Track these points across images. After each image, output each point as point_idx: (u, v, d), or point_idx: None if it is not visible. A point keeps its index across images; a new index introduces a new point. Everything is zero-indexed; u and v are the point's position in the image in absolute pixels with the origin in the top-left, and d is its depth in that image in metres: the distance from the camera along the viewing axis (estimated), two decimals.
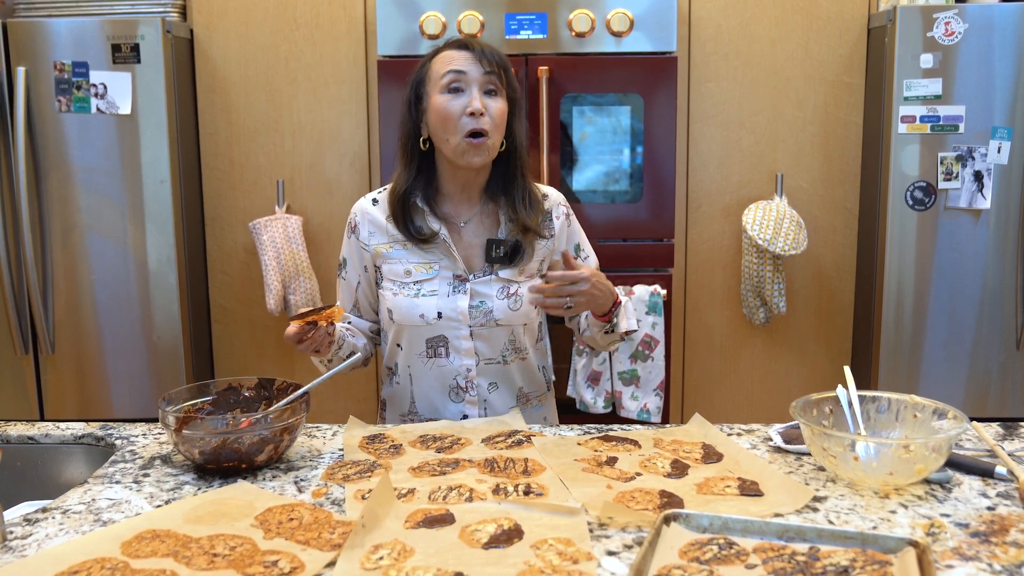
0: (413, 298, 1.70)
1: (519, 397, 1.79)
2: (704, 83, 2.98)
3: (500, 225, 1.74)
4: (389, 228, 1.74)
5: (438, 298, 1.70)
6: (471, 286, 1.71)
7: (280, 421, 1.43)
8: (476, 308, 1.70)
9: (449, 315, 1.70)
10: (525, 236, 1.72)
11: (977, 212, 2.76)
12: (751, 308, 2.98)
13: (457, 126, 1.64)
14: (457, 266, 1.71)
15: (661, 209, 2.78)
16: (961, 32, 2.67)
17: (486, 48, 1.68)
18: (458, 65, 1.65)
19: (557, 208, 1.80)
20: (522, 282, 1.73)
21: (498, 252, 1.70)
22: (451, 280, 1.71)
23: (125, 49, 2.74)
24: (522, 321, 1.75)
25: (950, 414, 1.40)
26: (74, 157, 2.78)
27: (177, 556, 1.13)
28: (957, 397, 2.84)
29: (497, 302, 1.71)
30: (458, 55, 1.67)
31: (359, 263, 1.78)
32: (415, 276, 1.71)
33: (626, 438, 1.57)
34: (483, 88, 1.65)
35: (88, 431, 1.63)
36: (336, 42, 2.96)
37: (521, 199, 1.72)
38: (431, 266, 1.71)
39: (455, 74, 1.65)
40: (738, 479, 1.35)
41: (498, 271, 1.72)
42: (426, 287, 1.71)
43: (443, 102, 1.65)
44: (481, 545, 1.14)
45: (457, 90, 1.65)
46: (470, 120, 1.63)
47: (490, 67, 1.65)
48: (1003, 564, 1.09)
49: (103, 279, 2.84)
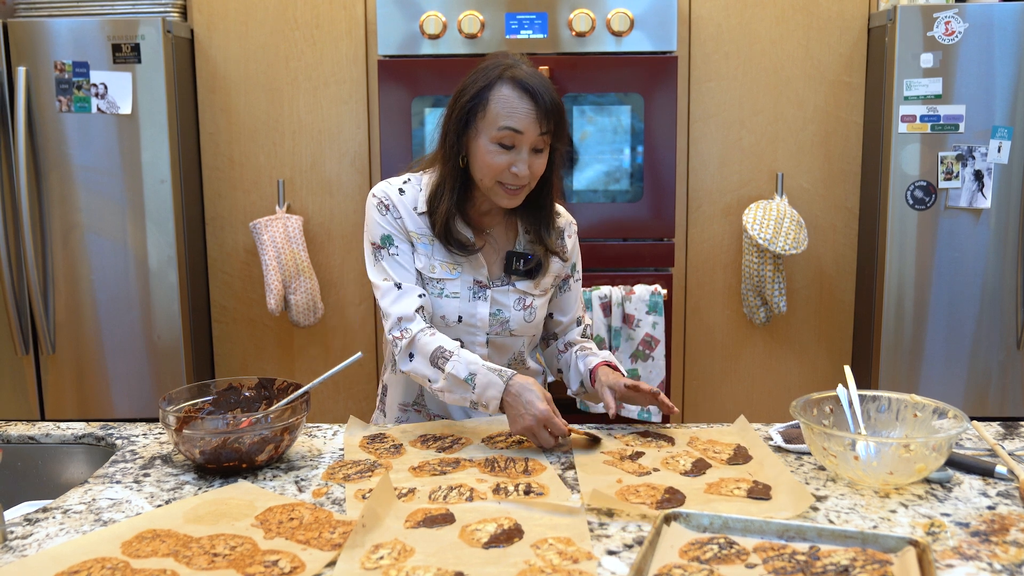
0: (436, 297, 1.69)
1: None
2: (704, 82, 2.98)
3: (518, 235, 1.74)
4: (417, 219, 1.69)
5: (460, 301, 1.69)
6: (492, 293, 1.70)
7: (280, 421, 1.43)
8: (495, 316, 1.70)
9: (469, 320, 1.69)
10: (544, 254, 1.72)
11: (977, 211, 2.76)
12: (751, 307, 2.98)
13: (497, 176, 1.60)
14: (481, 272, 1.70)
15: (661, 208, 2.78)
16: (961, 31, 2.67)
17: (548, 100, 1.57)
18: (518, 124, 1.56)
19: (569, 227, 1.80)
20: (536, 295, 1.73)
21: (518, 265, 1.71)
22: (472, 285, 1.70)
23: (125, 49, 2.74)
24: (533, 332, 1.76)
25: (950, 413, 1.40)
26: (74, 157, 2.78)
27: (177, 556, 1.13)
28: (957, 396, 2.84)
29: (514, 313, 1.71)
30: (521, 107, 1.56)
31: (404, 235, 1.69)
32: (439, 273, 1.68)
33: (663, 435, 1.59)
34: (534, 147, 1.59)
35: (88, 431, 1.63)
36: (336, 42, 2.96)
37: (545, 223, 1.72)
38: (455, 267, 1.70)
39: (512, 133, 1.57)
40: (752, 482, 1.35)
41: (515, 282, 1.72)
42: (448, 288, 1.69)
43: (492, 153, 1.58)
44: (481, 545, 1.14)
45: (509, 147, 1.58)
46: (510, 176, 1.59)
47: (547, 127, 1.58)
48: (1003, 563, 1.09)
49: (103, 279, 2.84)
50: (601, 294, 2.71)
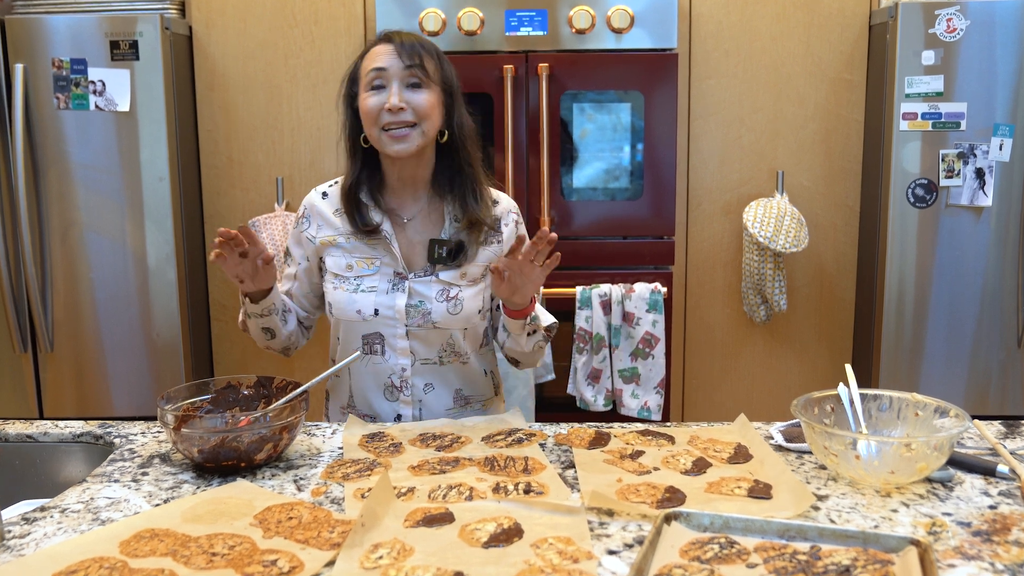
0: (352, 293, 1.69)
1: (456, 399, 1.77)
2: (705, 80, 2.97)
3: (444, 224, 1.72)
4: (336, 222, 1.74)
5: (376, 294, 1.69)
6: (410, 284, 1.69)
7: (279, 420, 1.43)
8: (414, 308, 1.69)
9: (385, 313, 1.69)
10: (470, 234, 1.70)
11: (979, 209, 2.75)
12: (752, 306, 2.98)
13: (376, 121, 1.64)
14: (397, 263, 1.70)
15: (661, 206, 2.78)
16: (963, 28, 2.67)
17: (407, 40, 1.66)
18: (379, 62, 1.65)
19: (507, 215, 1.77)
20: (463, 286, 1.71)
21: (440, 252, 1.68)
22: (391, 277, 1.70)
23: (124, 46, 2.73)
24: (462, 325, 1.72)
25: (952, 412, 1.39)
26: (73, 155, 2.78)
27: (176, 555, 1.13)
28: (958, 395, 2.83)
29: (436, 304, 1.69)
30: (381, 50, 1.66)
31: (301, 254, 1.77)
32: (356, 271, 1.71)
33: (663, 433, 1.57)
34: (404, 82, 1.64)
35: (87, 429, 1.62)
36: (335, 39, 2.95)
37: (470, 191, 1.71)
38: (373, 262, 1.71)
39: (376, 72, 1.64)
40: (753, 481, 1.34)
41: (439, 272, 1.70)
42: (366, 283, 1.70)
43: (365, 99, 1.65)
44: (481, 544, 1.14)
45: (379, 87, 1.64)
46: (388, 115, 1.62)
47: (411, 60, 1.64)
48: (1005, 563, 1.09)
49: (102, 277, 2.83)
50: (601, 292, 2.71)
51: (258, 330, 1.73)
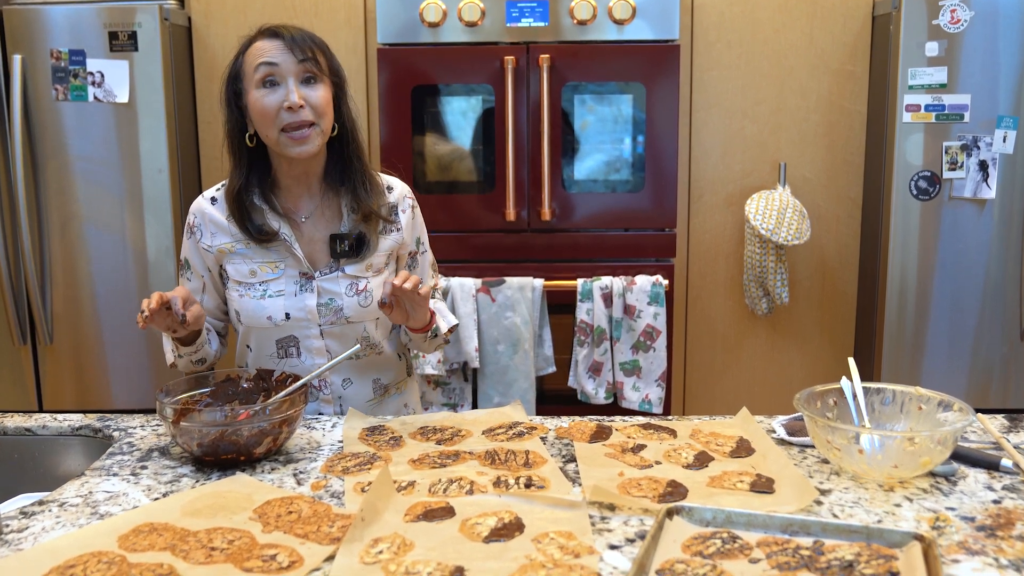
0: (259, 299, 1.66)
1: (376, 388, 1.76)
2: (707, 71, 2.95)
3: (343, 218, 1.70)
4: (231, 227, 1.67)
5: (285, 298, 1.66)
6: (318, 283, 1.67)
7: (279, 413, 1.42)
8: (325, 306, 1.67)
9: (297, 315, 1.66)
10: (368, 224, 1.68)
11: (982, 202, 2.74)
12: (753, 298, 2.97)
13: (275, 121, 1.58)
14: (301, 264, 1.66)
15: (663, 198, 2.77)
16: (967, 20, 2.65)
17: (297, 34, 1.60)
18: (270, 57, 1.58)
19: (403, 201, 1.75)
20: (370, 277, 1.69)
21: (343, 247, 1.66)
22: (297, 279, 1.67)
23: (122, 37, 2.71)
24: (373, 316, 1.70)
25: (955, 406, 1.38)
26: (71, 146, 2.77)
27: (175, 550, 1.12)
28: (960, 388, 2.83)
29: (347, 299, 1.67)
30: (269, 45, 1.59)
31: (201, 266, 1.71)
32: (260, 276, 1.66)
33: (665, 427, 1.56)
34: (300, 78, 1.58)
35: (86, 423, 1.61)
36: (335, 30, 2.93)
37: (361, 184, 1.68)
38: (276, 265, 1.66)
39: (268, 67, 1.58)
40: (756, 475, 1.33)
41: (344, 267, 1.68)
42: (272, 287, 1.66)
43: (259, 98, 1.59)
44: (482, 539, 1.13)
45: (273, 84, 1.59)
46: (288, 115, 1.57)
47: (304, 54, 1.58)
48: (1009, 558, 1.08)
49: (101, 269, 2.83)
50: (602, 284, 2.70)
51: (189, 364, 1.72)
